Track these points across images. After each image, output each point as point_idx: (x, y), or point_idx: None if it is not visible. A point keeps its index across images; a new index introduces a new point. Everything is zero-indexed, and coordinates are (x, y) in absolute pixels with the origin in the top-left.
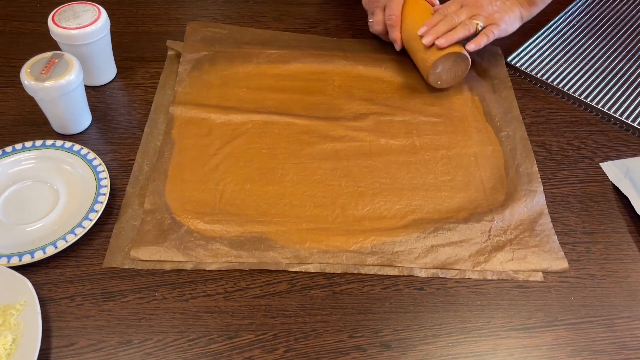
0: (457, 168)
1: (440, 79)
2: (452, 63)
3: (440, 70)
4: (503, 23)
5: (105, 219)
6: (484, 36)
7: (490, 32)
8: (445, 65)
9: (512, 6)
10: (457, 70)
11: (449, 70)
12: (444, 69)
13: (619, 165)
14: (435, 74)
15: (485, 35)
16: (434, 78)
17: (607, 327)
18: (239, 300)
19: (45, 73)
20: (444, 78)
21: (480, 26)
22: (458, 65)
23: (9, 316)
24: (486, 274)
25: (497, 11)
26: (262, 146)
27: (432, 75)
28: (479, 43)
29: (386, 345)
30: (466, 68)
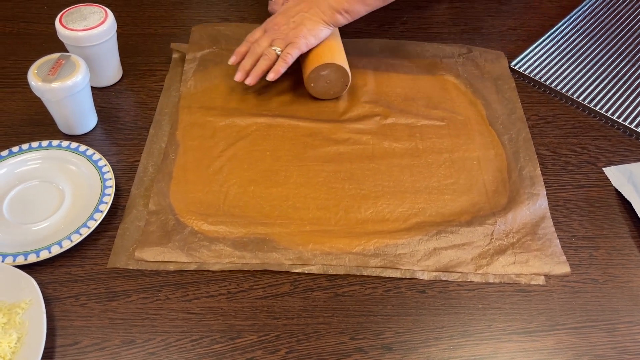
0: (460, 171)
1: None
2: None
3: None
4: (301, 38)
5: (110, 219)
6: (281, 62)
7: (288, 55)
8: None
9: (312, 17)
10: (335, 84)
11: (329, 81)
12: (324, 77)
13: (622, 170)
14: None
15: (283, 60)
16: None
17: (609, 332)
18: (242, 301)
19: (52, 74)
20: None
21: (278, 51)
22: (335, 73)
23: (14, 315)
24: (488, 277)
25: (293, 28)
26: (266, 148)
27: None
28: (278, 71)
29: (387, 347)
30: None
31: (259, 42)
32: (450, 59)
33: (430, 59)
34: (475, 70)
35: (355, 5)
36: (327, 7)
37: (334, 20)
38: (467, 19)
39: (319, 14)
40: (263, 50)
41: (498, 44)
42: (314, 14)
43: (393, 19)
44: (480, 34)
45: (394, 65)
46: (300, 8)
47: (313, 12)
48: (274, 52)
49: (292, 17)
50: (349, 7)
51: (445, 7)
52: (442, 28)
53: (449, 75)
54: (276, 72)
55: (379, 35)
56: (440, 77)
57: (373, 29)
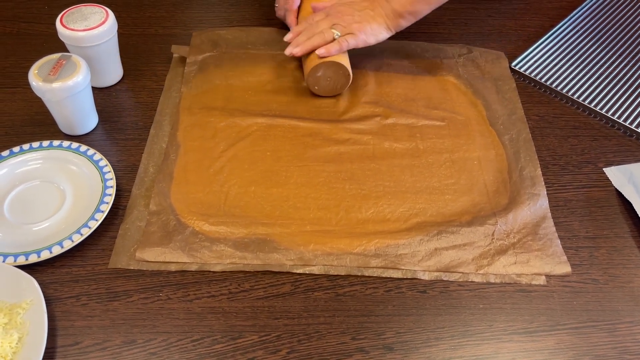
0: (461, 171)
1: (317, 84)
2: (333, 72)
3: (321, 75)
4: (362, 34)
5: (111, 220)
6: (336, 44)
7: (345, 40)
8: (327, 72)
9: (376, 17)
10: (337, 82)
11: (329, 78)
12: (324, 75)
13: (622, 170)
14: (314, 77)
15: (339, 43)
16: (313, 80)
17: (610, 332)
18: (243, 302)
19: (53, 74)
20: (322, 84)
21: (337, 35)
22: (339, 77)
23: (15, 315)
24: (489, 277)
25: (357, 21)
26: (267, 149)
27: (311, 77)
28: (330, 50)
29: (389, 347)
30: (346, 83)
31: (319, 23)
32: (451, 59)
33: (430, 60)
34: (476, 70)
35: (418, 6)
36: (391, 11)
37: (396, 25)
38: (468, 20)
39: (383, 16)
40: (321, 29)
41: (498, 45)
42: (379, 14)
43: None
44: (481, 34)
45: (395, 65)
46: (366, 5)
47: (378, 12)
48: (332, 34)
49: (359, 11)
50: (413, 8)
51: (445, 7)
52: (442, 28)
53: (450, 76)
54: (327, 50)
55: None
56: (440, 78)
57: None
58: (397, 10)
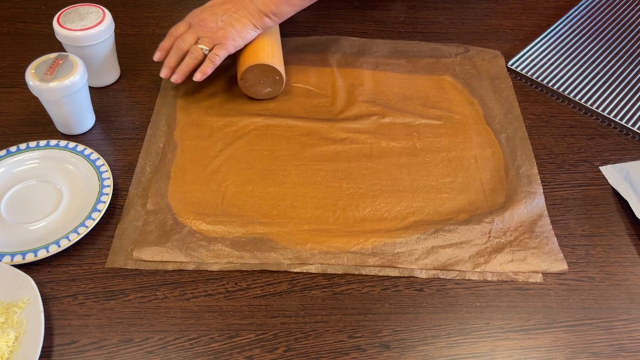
0: (458, 170)
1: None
2: (266, 75)
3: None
4: (229, 40)
5: (108, 219)
6: (209, 63)
7: (216, 56)
8: (260, 75)
9: (240, 18)
10: (268, 87)
11: (262, 81)
12: (258, 76)
13: (618, 169)
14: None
15: (211, 61)
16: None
17: (606, 330)
18: (240, 300)
19: (50, 74)
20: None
21: (206, 50)
22: (273, 83)
23: (12, 314)
24: (486, 275)
25: (221, 27)
26: (264, 148)
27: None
28: (205, 71)
29: (385, 345)
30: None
31: (184, 38)
32: (448, 58)
33: (427, 59)
34: (473, 69)
35: (282, 7)
36: (255, 10)
37: (262, 23)
38: (464, 19)
39: (247, 16)
40: (189, 47)
41: (495, 44)
42: (242, 15)
43: (390, 19)
44: (477, 33)
45: (391, 64)
46: (228, 8)
47: (241, 13)
48: (200, 51)
49: (220, 16)
50: (277, 9)
51: (442, 7)
52: (439, 28)
53: (446, 75)
54: (203, 73)
55: (376, 35)
56: (437, 77)
57: (370, 29)
58: (261, 9)
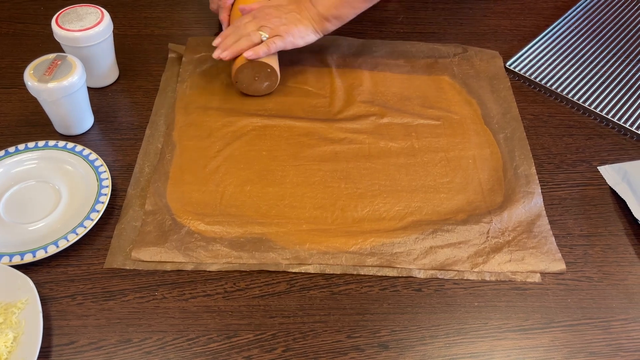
0: (456, 170)
1: (244, 83)
2: (257, 72)
3: (247, 74)
4: (289, 36)
5: (107, 219)
6: (264, 46)
7: (272, 42)
8: (253, 72)
9: (303, 19)
10: (263, 82)
11: (256, 77)
12: (251, 74)
13: (616, 169)
14: (239, 77)
15: (266, 45)
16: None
17: (604, 329)
18: (239, 300)
19: (48, 74)
20: (247, 83)
21: (264, 37)
22: (267, 77)
23: (11, 314)
24: (484, 275)
25: (284, 24)
26: (263, 148)
27: (237, 74)
28: (257, 52)
29: (384, 345)
30: (272, 85)
31: (246, 25)
32: (446, 58)
33: (426, 59)
34: (471, 69)
35: (343, 10)
36: (316, 14)
37: (323, 28)
38: (463, 19)
39: (309, 19)
40: (249, 32)
41: (493, 44)
42: (305, 17)
43: (389, 19)
44: (476, 34)
45: (390, 65)
46: (293, 8)
47: (305, 15)
48: (259, 36)
49: (286, 13)
50: (337, 12)
51: (440, 7)
52: (437, 28)
53: (445, 75)
54: (255, 52)
55: (374, 35)
56: (435, 77)
57: (369, 29)
58: (322, 13)
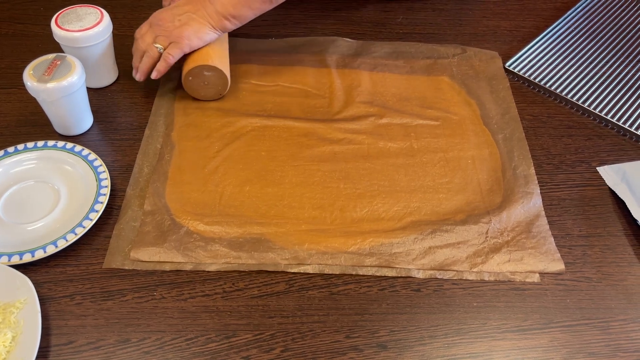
0: (455, 170)
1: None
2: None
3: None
4: (184, 39)
5: (106, 219)
6: (163, 62)
7: (169, 56)
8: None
9: (198, 18)
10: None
11: (206, 82)
12: (198, 81)
13: (615, 169)
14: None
15: (164, 60)
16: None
17: (603, 330)
18: (237, 300)
19: (47, 74)
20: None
21: (160, 49)
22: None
23: (9, 314)
24: (483, 275)
25: (177, 27)
26: (262, 148)
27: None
28: (159, 70)
29: (383, 345)
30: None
31: (144, 38)
32: (445, 59)
33: (425, 60)
34: (470, 70)
35: (242, 10)
36: (214, 12)
37: (221, 25)
38: (462, 20)
39: (206, 17)
40: (147, 46)
41: (493, 45)
42: (201, 16)
43: (388, 20)
44: (475, 34)
45: (389, 65)
46: (187, 8)
47: (200, 14)
48: (156, 50)
49: (179, 15)
50: (235, 12)
51: (440, 8)
52: (436, 29)
53: (444, 76)
54: (158, 72)
55: (374, 36)
56: (435, 77)
57: (368, 29)
58: (220, 12)
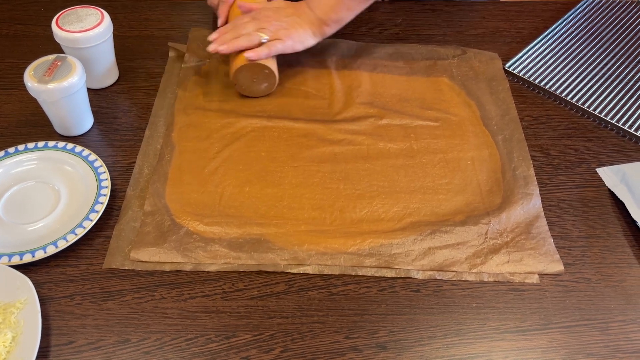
0: (455, 171)
1: (243, 84)
2: (256, 73)
3: (245, 76)
4: (289, 39)
5: (106, 220)
6: (265, 48)
7: (273, 45)
8: (250, 74)
9: (303, 24)
10: (261, 84)
11: (255, 79)
12: (249, 76)
13: (615, 170)
14: (238, 78)
15: (267, 47)
16: (236, 78)
17: (602, 331)
18: (237, 301)
19: (48, 75)
20: (246, 84)
21: (264, 39)
22: (266, 79)
23: (9, 314)
24: (482, 276)
25: (284, 27)
26: (262, 149)
27: (236, 75)
28: (259, 53)
29: (382, 346)
30: (271, 87)
31: (246, 25)
32: (445, 60)
33: (424, 61)
34: (470, 71)
35: (341, 13)
36: (315, 19)
37: (322, 32)
38: (462, 21)
39: (309, 23)
40: (248, 32)
41: (492, 46)
42: (305, 21)
43: (388, 21)
44: (475, 35)
45: (389, 66)
46: (292, 11)
47: (304, 19)
48: (258, 38)
49: (285, 17)
50: (336, 16)
51: (439, 9)
52: (436, 30)
53: (444, 77)
54: (257, 54)
55: (374, 37)
56: (434, 79)
57: (368, 31)
58: (321, 18)
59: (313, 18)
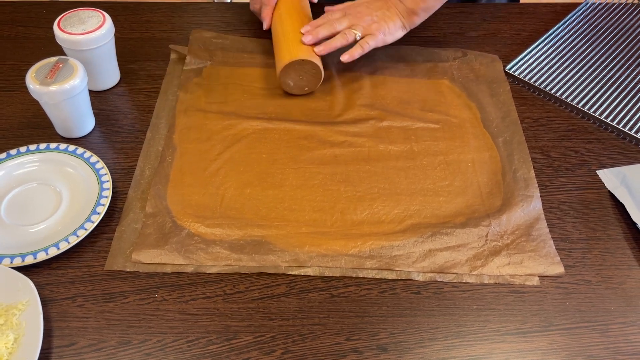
0: (455, 173)
1: (289, 79)
2: (306, 71)
3: (294, 73)
4: (381, 34)
5: (107, 222)
6: (358, 47)
7: (366, 43)
8: (300, 70)
9: (393, 16)
10: (308, 81)
11: (301, 76)
12: (298, 72)
13: (615, 172)
14: (287, 74)
15: (360, 46)
16: (284, 76)
17: (602, 333)
18: (238, 303)
19: (50, 77)
20: (294, 80)
21: (358, 36)
22: (312, 77)
23: (11, 316)
24: (483, 278)
25: (376, 21)
26: (262, 151)
27: (284, 73)
28: (353, 54)
29: (382, 348)
30: (316, 83)
31: (340, 21)
32: (446, 62)
33: (425, 63)
34: (470, 73)
35: (430, 2)
36: (405, 10)
37: (410, 22)
38: (463, 23)
39: (398, 15)
40: (343, 29)
41: (493, 48)
42: (394, 13)
43: None
44: (475, 38)
45: (390, 68)
46: (381, 5)
47: (394, 11)
48: (353, 35)
49: (375, 11)
50: (425, 5)
51: (440, 11)
52: (437, 32)
53: (444, 79)
54: (351, 55)
55: None
56: (435, 81)
57: None
58: (410, 8)
59: (402, 9)
